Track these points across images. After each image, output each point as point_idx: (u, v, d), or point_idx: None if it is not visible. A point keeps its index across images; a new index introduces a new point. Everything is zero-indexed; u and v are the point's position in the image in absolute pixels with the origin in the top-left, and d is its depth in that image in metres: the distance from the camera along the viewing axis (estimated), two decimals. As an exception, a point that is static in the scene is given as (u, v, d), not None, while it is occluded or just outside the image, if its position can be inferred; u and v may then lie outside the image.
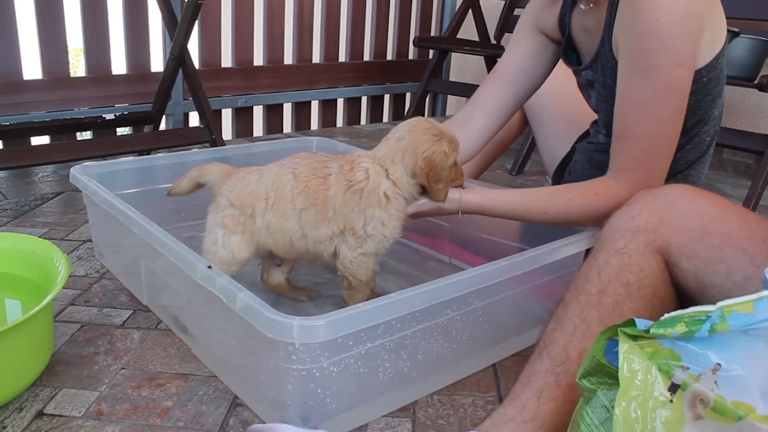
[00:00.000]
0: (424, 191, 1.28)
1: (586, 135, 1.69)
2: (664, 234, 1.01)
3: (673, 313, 0.74)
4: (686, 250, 0.99)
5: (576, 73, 1.49)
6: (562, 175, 1.70)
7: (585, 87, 1.50)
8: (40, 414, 1.10)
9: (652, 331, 0.72)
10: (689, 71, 1.21)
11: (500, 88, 1.53)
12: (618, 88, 1.25)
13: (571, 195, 1.28)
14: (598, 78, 1.38)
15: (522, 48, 1.52)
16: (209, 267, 1.10)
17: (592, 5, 1.35)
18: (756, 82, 2.26)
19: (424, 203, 1.30)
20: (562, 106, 1.75)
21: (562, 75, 1.72)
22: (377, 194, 1.25)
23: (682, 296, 1.03)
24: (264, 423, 1.07)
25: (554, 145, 1.78)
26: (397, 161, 1.26)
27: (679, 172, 1.39)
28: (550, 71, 1.56)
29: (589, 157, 1.57)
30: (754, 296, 0.73)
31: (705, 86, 1.29)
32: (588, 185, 1.28)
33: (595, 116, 1.64)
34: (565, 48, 1.48)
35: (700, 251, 0.99)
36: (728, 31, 2.28)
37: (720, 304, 0.73)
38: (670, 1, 1.14)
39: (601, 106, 1.45)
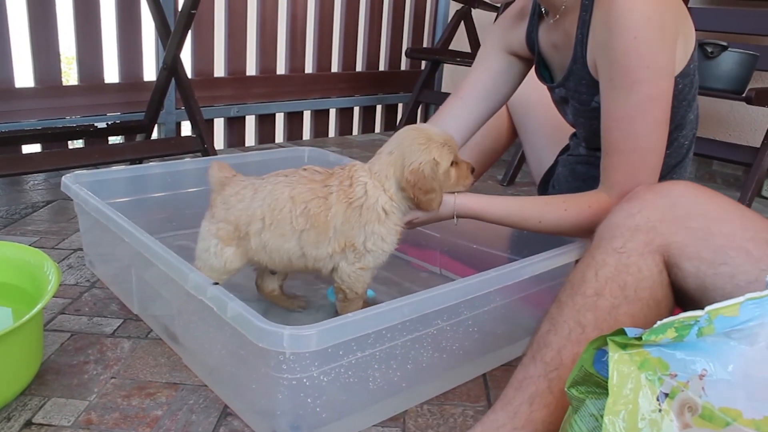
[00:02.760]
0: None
1: (567, 148, 1.70)
2: (665, 233, 0.98)
3: (664, 320, 0.74)
4: (687, 251, 0.96)
5: (549, 89, 1.51)
6: (546, 188, 1.72)
7: (560, 103, 1.52)
8: (28, 423, 1.10)
9: (644, 337, 0.73)
10: (670, 82, 1.23)
11: (462, 108, 1.55)
12: (602, 106, 1.27)
13: (566, 206, 1.29)
14: (573, 95, 1.40)
15: (486, 67, 1.54)
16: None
17: (558, 16, 1.37)
18: (744, 95, 2.28)
19: (418, 212, 1.30)
20: (548, 116, 1.76)
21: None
22: (375, 210, 1.25)
23: (682, 298, 1.00)
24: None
25: (541, 154, 1.79)
26: (390, 176, 1.26)
27: (662, 177, 1.40)
28: (516, 88, 1.58)
29: (572, 169, 1.58)
30: (740, 299, 0.73)
31: (680, 92, 1.31)
32: (583, 197, 1.29)
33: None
34: (537, 65, 1.49)
35: (702, 252, 0.95)
36: (717, 45, 2.33)
37: (708, 308, 0.73)
38: (646, 18, 1.16)
39: (579, 121, 1.47)
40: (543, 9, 1.42)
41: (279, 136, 3.52)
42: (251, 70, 3.31)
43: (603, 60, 1.24)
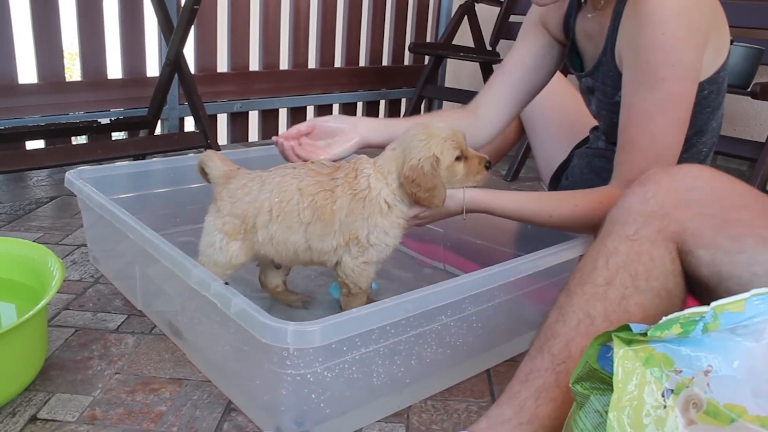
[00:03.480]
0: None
1: (584, 142, 1.70)
2: (680, 219, 0.94)
3: (670, 316, 0.74)
4: (703, 238, 0.93)
5: (578, 78, 1.50)
6: (559, 180, 1.71)
7: (586, 92, 1.51)
8: (33, 419, 1.10)
9: (649, 333, 0.73)
10: (693, 84, 1.21)
11: (507, 84, 1.53)
12: (623, 100, 1.25)
13: (577, 201, 1.27)
14: (599, 86, 1.39)
15: (528, 45, 1.52)
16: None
17: (597, 11, 1.36)
18: (749, 90, 2.27)
19: (427, 212, 1.29)
20: (558, 115, 1.76)
21: (558, 84, 1.73)
22: (378, 203, 1.24)
23: (696, 286, 0.98)
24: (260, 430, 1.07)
25: (550, 152, 1.78)
26: (392, 171, 1.25)
27: None
28: (557, 69, 1.56)
29: (588, 162, 1.57)
30: (746, 295, 0.73)
31: (705, 99, 1.30)
32: (594, 193, 1.28)
33: (590, 125, 1.65)
34: (569, 51, 1.49)
35: (718, 240, 0.92)
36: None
37: (713, 304, 0.73)
38: (676, 14, 1.15)
39: (601, 113, 1.46)
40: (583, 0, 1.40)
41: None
42: (254, 65, 3.31)
43: (629, 53, 1.23)
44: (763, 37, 2.56)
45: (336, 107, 3.69)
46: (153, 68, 2.90)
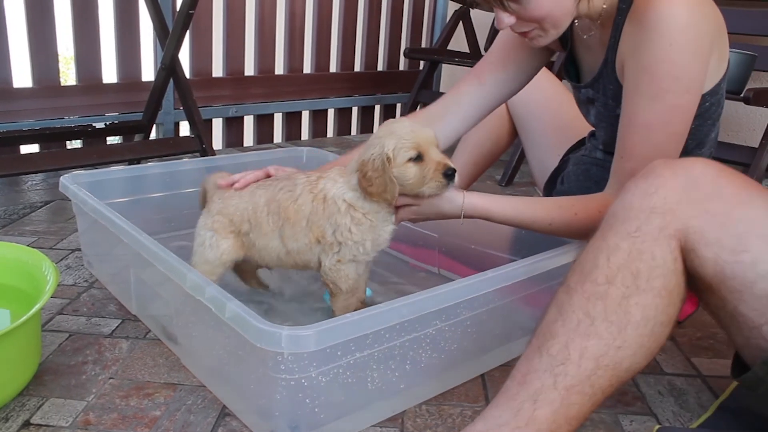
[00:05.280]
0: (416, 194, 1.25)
1: (579, 145, 1.69)
2: (683, 216, 0.92)
3: None
4: (706, 236, 0.91)
5: (575, 88, 1.49)
6: (554, 185, 1.71)
7: (584, 103, 1.49)
8: (26, 424, 1.09)
9: None
10: (696, 96, 1.21)
11: (479, 93, 1.49)
12: (623, 110, 1.25)
13: (576, 209, 1.27)
14: (599, 97, 1.38)
15: (509, 50, 1.47)
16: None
17: (592, 33, 1.35)
18: (742, 95, 2.28)
19: (420, 205, 1.27)
20: (552, 118, 1.76)
21: (551, 87, 1.73)
22: (335, 202, 1.25)
23: (698, 284, 0.96)
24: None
25: (544, 156, 1.78)
26: (355, 169, 1.26)
27: None
28: (531, 79, 1.54)
29: (585, 169, 1.57)
30: None
31: (707, 111, 1.30)
32: (592, 201, 1.28)
33: (585, 128, 1.65)
34: (565, 61, 1.48)
35: (722, 238, 0.91)
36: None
37: None
38: (684, 27, 1.14)
39: (601, 125, 1.46)
40: (577, 23, 1.34)
41: (277, 136, 3.52)
42: (249, 70, 3.31)
43: (631, 62, 1.22)
44: (755, 42, 2.57)
45: (331, 112, 3.70)
46: (148, 73, 2.90)
